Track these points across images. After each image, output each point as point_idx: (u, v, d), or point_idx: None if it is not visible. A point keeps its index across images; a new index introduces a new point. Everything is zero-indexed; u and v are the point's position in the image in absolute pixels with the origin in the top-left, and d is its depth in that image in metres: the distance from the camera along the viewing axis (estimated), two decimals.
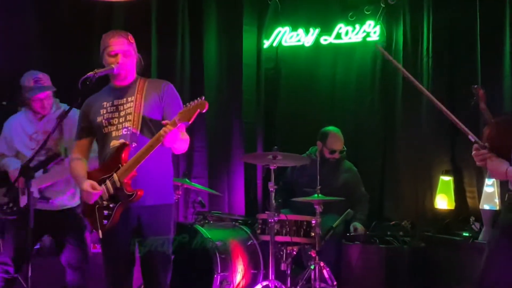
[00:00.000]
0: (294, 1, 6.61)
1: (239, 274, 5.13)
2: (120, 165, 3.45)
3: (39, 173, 4.29)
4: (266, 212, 5.17)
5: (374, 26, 6.38)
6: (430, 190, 5.67)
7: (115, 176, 3.45)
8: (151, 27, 6.05)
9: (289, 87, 6.66)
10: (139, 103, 3.58)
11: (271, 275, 4.93)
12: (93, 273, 4.67)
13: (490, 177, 3.29)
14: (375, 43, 3.22)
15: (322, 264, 5.02)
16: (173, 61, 6.16)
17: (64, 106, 4.47)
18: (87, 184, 3.47)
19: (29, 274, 3.88)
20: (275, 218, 4.99)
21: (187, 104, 3.29)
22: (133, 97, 3.60)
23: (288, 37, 6.56)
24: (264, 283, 5.01)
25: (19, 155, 4.43)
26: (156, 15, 6.07)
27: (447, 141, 5.62)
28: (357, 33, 6.44)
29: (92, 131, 3.68)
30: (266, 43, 6.59)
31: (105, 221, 3.49)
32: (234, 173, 6.37)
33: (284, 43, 6.58)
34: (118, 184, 3.43)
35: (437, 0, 5.70)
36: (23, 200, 4.25)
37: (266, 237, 5.07)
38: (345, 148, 5.80)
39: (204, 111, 3.27)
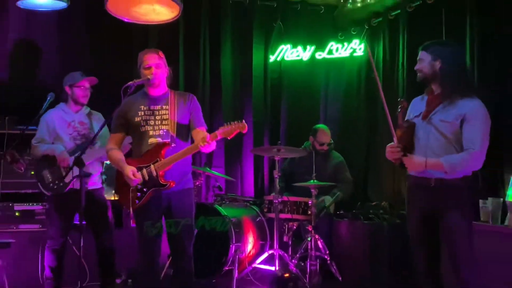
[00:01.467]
0: (295, 23, 6.59)
1: (250, 245, 5.18)
2: (158, 159, 3.53)
3: (78, 154, 4.37)
4: (272, 194, 5.22)
5: (359, 44, 6.40)
6: (404, 177, 5.66)
7: (152, 167, 3.52)
8: (179, 45, 6.08)
9: (290, 94, 6.66)
10: (173, 111, 3.65)
11: (275, 245, 4.98)
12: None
13: (408, 171, 3.42)
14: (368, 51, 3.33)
15: (317, 236, 5.07)
16: (197, 73, 6.19)
17: (89, 109, 4.63)
18: (130, 171, 3.52)
19: (82, 243, 3.92)
20: (279, 199, 5.04)
21: (230, 122, 3.43)
22: (167, 106, 3.68)
23: (289, 53, 6.56)
24: (270, 252, 5.05)
25: (58, 138, 4.49)
26: (183, 36, 6.10)
27: None
28: (345, 50, 6.47)
29: (126, 127, 3.73)
30: (272, 58, 6.59)
31: (136, 201, 3.58)
32: (245, 163, 6.40)
33: (286, 58, 6.58)
34: (154, 174, 3.51)
35: (410, 23, 5.68)
36: (67, 178, 4.29)
37: (272, 215, 5.13)
38: (332, 141, 5.83)
39: (244, 131, 3.45)
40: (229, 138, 3.43)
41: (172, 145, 3.56)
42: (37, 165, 4.55)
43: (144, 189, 3.57)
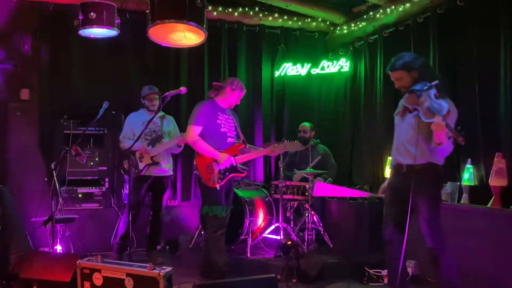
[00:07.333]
0: (294, 46, 6.57)
1: (260, 219, 5.19)
2: (237, 154, 3.90)
3: (149, 148, 4.46)
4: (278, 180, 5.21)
5: (346, 62, 6.39)
6: (382, 165, 5.67)
7: (235, 158, 3.91)
8: (204, 63, 6.09)
9: (291, 102, 6.65)
10: (235, 122, 4.06)
11: (280, 219, 5.00)
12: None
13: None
14: None
15: (313, 213, 5.08)
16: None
17: (163, 113, 4.81)
18: (227, 155, 3.83)
19: (130, 218, 3.95)
20: (283, 184, 5.05)
21: (284, 140, 4.14)
22: (231, 116, 4.03)
23: (291, 69, 6.55)
24: (276, 225, 5.08)
25: (134, 134, 4.58)
26: (207, 56, 6.11)
27: (392, 136, 5.56)
28: (334, 66, 6.45)
29: (205, 124, 3.87)
30: (277, 73, 6.58)
31: (220, 181, 3.79)
32: None
33: (288, 74, 6.57)
34: (235, 164, 3.87)
35: (386, 45, 5.66)
36: (140, 165, 4.41)
37: (277, 196, 5.14)
38: (319, 140, 5.86)
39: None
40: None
41: (246, 147, 3.91)
42: (120, 157, 4.70)
43: (227, 173, 3.80)
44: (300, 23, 6.35)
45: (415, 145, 3.14)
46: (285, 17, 6.25)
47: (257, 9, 6.13)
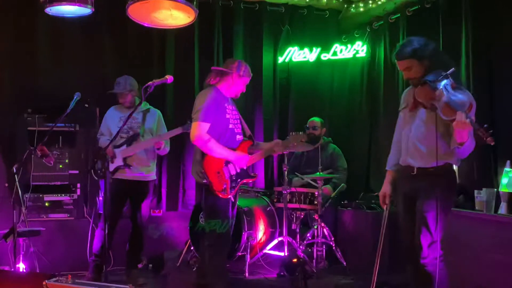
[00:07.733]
0: (301, 27, 6.55)
1: (260, 232, 5.18)
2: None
3: (123, 147, 4.43)
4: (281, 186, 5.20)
5: (362, 46, 6.37)
6: None
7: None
8: (194, 47, 6.07)
9: (297, 93, 6.63)
10: (239, 113, 3.87)
11: (284, 233, 4.98)
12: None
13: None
14: None
15: (323, 224, 5.06)
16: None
17: (146, 105, 4.70)
18: (240, 152, 3.64)
19: (106, 231, 3.93)
20: (287, 190, 5.04)
21: (294, 133, 3.61)
22: (235, 107, 3.83)
23: (297, 54, 6.53)
24: (279, 239, 5.07)
25: (110, 131, 4.57)
26: (198, 39, 6.09)
27: None
28: (349, 51, 6.44)
29: (214, 119, 3.65)
30: (280, 59, 6.55)
31: (232, 190, 3.61)
32: None
33: (293, 59, 6.54)
34: (245, 166, 3.68)
35: (410, 26, 5.62)
36: (111, 166, 4.40)
37: (281, 205, 5.14)
38: (330, 139, 5.85)
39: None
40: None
41: (254, 144, 3.69)
42: (93, 156, 4.81)
43: (238, 180, 3.63)
44: (308, 0, 6.32)
45: (429, 143, 3.12)
46: None
47: None
